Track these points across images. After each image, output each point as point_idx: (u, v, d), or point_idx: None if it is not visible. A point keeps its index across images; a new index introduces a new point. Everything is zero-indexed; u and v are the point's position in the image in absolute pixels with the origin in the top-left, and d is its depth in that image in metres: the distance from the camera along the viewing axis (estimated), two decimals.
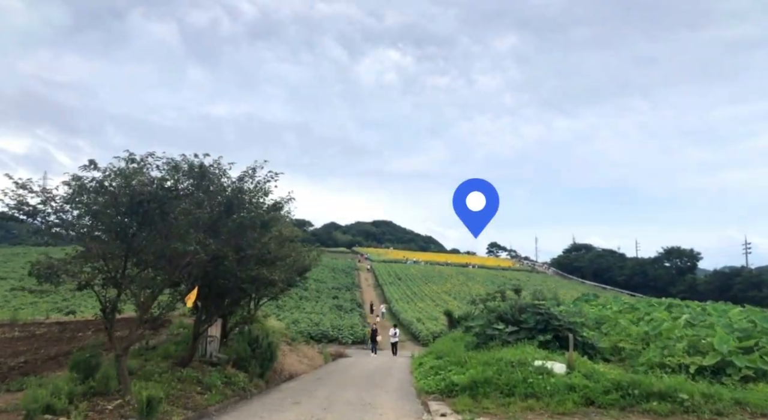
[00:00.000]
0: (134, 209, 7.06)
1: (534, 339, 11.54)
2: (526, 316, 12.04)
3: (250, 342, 13.52)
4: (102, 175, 7.02)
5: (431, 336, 33.95)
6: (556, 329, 11.44)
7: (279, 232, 12.81)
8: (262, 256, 10.65)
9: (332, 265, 75.44)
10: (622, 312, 17.67)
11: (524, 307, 12.31)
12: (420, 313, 43.74)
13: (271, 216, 9.82)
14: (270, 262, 10.79)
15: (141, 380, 9.71)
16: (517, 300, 12.60)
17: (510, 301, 12.73)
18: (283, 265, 11.95)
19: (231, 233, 8.54)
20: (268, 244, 10.80)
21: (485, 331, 12.09)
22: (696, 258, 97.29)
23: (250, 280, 10.19)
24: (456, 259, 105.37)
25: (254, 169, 8.69)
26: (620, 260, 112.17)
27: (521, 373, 9.07)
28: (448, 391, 9.61)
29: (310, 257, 15.48)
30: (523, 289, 18.26)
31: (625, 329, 13.07)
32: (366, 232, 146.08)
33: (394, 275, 70.78)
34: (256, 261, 10.36)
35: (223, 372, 11.97)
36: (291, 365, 15.50)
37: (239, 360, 12.92)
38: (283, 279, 12.69)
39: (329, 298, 52.59)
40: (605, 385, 8.26)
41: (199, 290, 10.40)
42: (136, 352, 12.43)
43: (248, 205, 8.39)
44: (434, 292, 60.43)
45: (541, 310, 11.84)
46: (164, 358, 11.67)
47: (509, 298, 16.23)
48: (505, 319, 12.27)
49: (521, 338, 11.64)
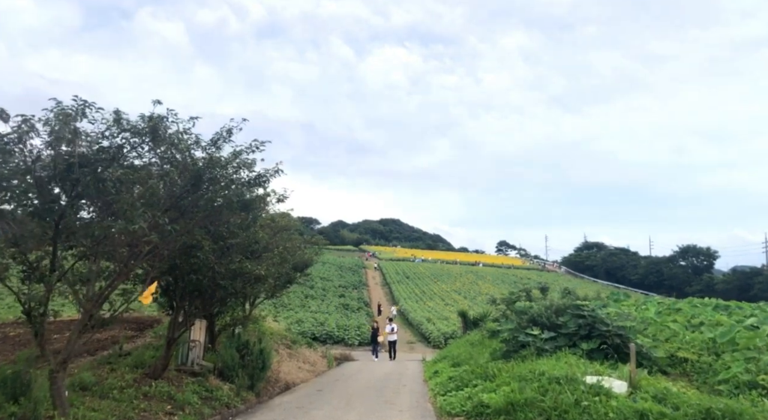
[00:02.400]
0: (62, 176, 5.21)
1: (576, 347, 9.56)
2: (565, 320, 10.07)
3: (239, 347, 11.64)
4: (14, 131, 5.14)
5: (443, 337, 31.99)
6: (603, 335, 9.44)
7: (271, 218, 10.92)
8: (248, 246, 8.74)
9: (339, 263, 73.86)
10: (661, 313, 15.61)
11: (563, 309, 10.34)
12: (430, 313, 41.79)
13: (254, 196, 7.86)
14: (257, 254, 8.85)
15: (95, 398, 7.84)
16: (551, 300, 10.60)
17: (544, 301, 10.73)
18: (274, 258, 10.04)
19: (202, 214, 6.63)
20: (256, 232, 8.90)
21: (516, 336, 10.13)
22: (713, 257, 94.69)
23: (232, 276, 8.26)
24: (464, 258, 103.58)
25: (230, 131, 6.73)
26: (634, 259, 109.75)
27: (571, 393, 7.10)
28: (477, 414, 7.65)
29: (308, 251, 13.56)
30: (551, 288, 16.20)
31: (679, 335, 11.06)
32: (373, 230, 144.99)
33: (402, 273, 68.92)
34: (238, 252, 8.44)
35: (204, 384, 10.10)
36: (288, 373, 13.60)
37: (225, 369, 11.04)
38: (276, 274, 10.78)
39: (335, 296, 50.83)
40: (689, 414, 6.25)
41: (169, 286, 8.54)
42: (104, 360, 10.58)
43: (222, 179, 6.44)
44: (444, 290, 58.49)
45: (584, 312, 9.84)
46: (134, 368, 9.79)
47: (536, 298, 14.23)
48: (539, 322, 10.30)
49: (560, 346, 9.66)
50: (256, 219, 8.49)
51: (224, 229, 8.16)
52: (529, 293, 14.80)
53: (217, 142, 6.62)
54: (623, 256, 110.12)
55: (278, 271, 11.14)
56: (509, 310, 14.77)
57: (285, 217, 13.20)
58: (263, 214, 10.94)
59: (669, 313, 15.36)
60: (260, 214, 8.92)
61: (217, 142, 6.62)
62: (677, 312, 15.40)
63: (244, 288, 8.79)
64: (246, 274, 8.33)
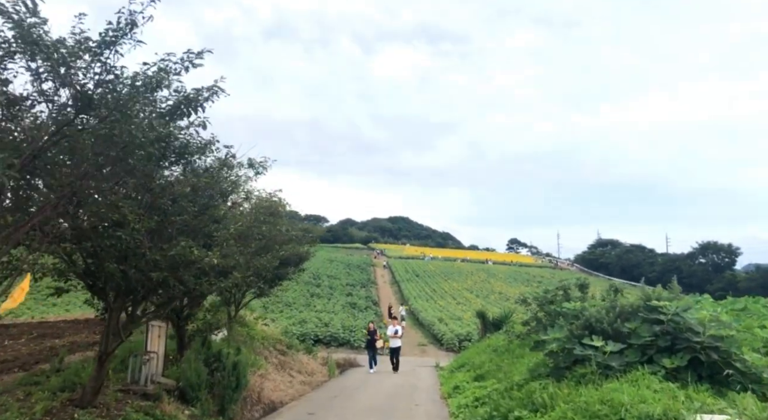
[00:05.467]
0: None
1: (653, 364, 7.01)
2: (633, 326, 7.52)
3: (209, 360, 9.20)
4: None
5: (456, 339, 29.51)
6: (692, 349, 6.87)
7: (247, 196, 8.46)
8: (203, 227, 6.19)
9: (347, 261, 71.78)
10: (727, 315, 12.92)
11: (630, 311, 7.81)
12: (442, 312, 39.26)
13: (183, 135, 5.34)
14: (204, 232, 6.27)
15: None
16: (612, 300, 8.05)
17: (604, 302, 8.15)
18: (247, 247, 7.52)
19: (105, 161, 4.20)
20: (216, 207, 6.40)
21: (570, 349, 7.61)
22: (735, 253, 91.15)
23: (170, 266, 5.67)
24: (475, 256, 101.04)
25: (131, 24, 4.15)
26: (650, 256, 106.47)
27: None
28: None
29: (303, 244, 11.06)
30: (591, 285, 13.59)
31: None
32: (382, 228, 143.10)
33: (412, 272, 66.40)
34: (189, 234, 5.91)
35: (154, 410, 7.64)
36: (275, 389, 11.13)
37: (188, 388, 8.59)
38: (252, 267, 8.27)
39: (343, 295, 48.53)
40: None
41: (96, 282, 6.09)
42: (28, 379, 8.17)
43: (121, 101, 3.93)
44: (455, 289, 55.90)
45: (662, 316, 7.26)
46: (58, 392, 7.36)
47: (574, 298, 11.66)
48: (597, 329, 7.76)
49: (631, 362, 7.13)
50: (210, 186, 6.00)
51: (165, 201, 5.67)
52: (567, 291, 12.19)
53: (114, 43, 4.09)
54: (639, 254, 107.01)
55: (256, 263, 8.65)
56: (543, 311, 12.17)
57: (269, 201, 10.69)
58: (238, 191, 8.47)
59: (737, 315, 12.67)
60: (220, 178, 6.36)
61: (114, 43, 4.09)
62: (746, 315, 12.71)
63: (198, 283, 6.32)
64: (193, 264, 5.81)
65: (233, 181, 7.56)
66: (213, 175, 6.30)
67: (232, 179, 7.48)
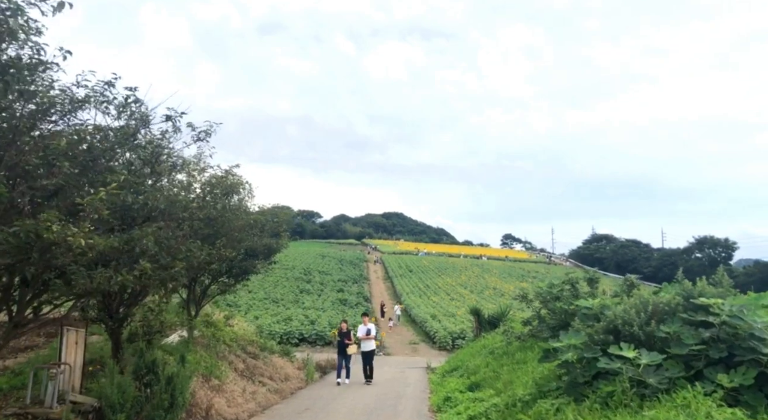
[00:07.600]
0: None
1: (704, 380, 5.32)
2: (673, 329, 5.80)
3: (139, 372, 7.41)
4: None
5: (450, 337, 27.89)
6: (759, 362, 5.18)
7: (184, 163, 6.76)
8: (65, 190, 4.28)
9: (340, 257, 70.17)
10: None
11: (667, 311, 6.07)
12: (435, 309, 37.62)
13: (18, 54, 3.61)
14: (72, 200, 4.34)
15: None
16: (640, 297, 6.33)
17: (630, 299, 6.42)
18: (177, 228, 5.70)
19: None
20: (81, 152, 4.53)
21: (590, 359, 5.87)
22: (732, 248, 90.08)
23: (17, 248, 3.71)
24: (469, 251, 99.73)
25: None
26: (646, 251, 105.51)
27: None
28: None
29: (245, 215, 9.26)
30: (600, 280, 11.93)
31: None
32: (376, 224, 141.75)
33: (405, 267, 64.77)
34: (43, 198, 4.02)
35: None
36: (231, 403, 9.35)
37: (108, 409, 6.82)
38: (199, 257, 6.50)
39: (333, 291, 46.79)
40: None
41: None
42: None
43: None
44: (449, 284, 54.31)
45: (713, 317, 5.56)
46: None
47: (584, 294, 9.99)
48: (624, 334, 6.05)
49: (674, 378, 5.44)
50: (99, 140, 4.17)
51: (30, 159, 3.86)
52: (575, 285, 10.50)
53: None
54: (635, 249, 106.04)
55: (200, 252, 6.86)
56: (547, 309, 10.50)
57: (222, 178, 8.86)
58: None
59: None
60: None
61: None
62: None
63: (90, 276, 4.52)
64: (55, 247, 3.95)
65: (150, 141, 5.76)
66: (102, 128, 4.53)
67: (147, 139, 5.70)
